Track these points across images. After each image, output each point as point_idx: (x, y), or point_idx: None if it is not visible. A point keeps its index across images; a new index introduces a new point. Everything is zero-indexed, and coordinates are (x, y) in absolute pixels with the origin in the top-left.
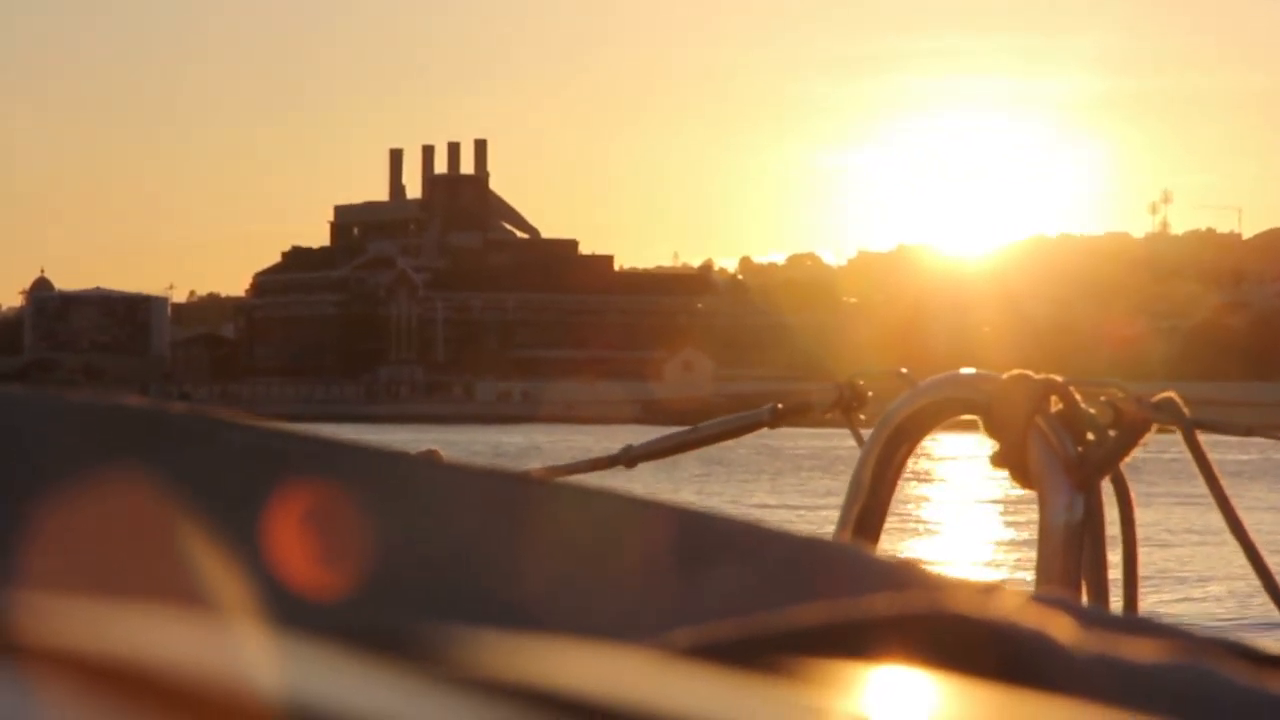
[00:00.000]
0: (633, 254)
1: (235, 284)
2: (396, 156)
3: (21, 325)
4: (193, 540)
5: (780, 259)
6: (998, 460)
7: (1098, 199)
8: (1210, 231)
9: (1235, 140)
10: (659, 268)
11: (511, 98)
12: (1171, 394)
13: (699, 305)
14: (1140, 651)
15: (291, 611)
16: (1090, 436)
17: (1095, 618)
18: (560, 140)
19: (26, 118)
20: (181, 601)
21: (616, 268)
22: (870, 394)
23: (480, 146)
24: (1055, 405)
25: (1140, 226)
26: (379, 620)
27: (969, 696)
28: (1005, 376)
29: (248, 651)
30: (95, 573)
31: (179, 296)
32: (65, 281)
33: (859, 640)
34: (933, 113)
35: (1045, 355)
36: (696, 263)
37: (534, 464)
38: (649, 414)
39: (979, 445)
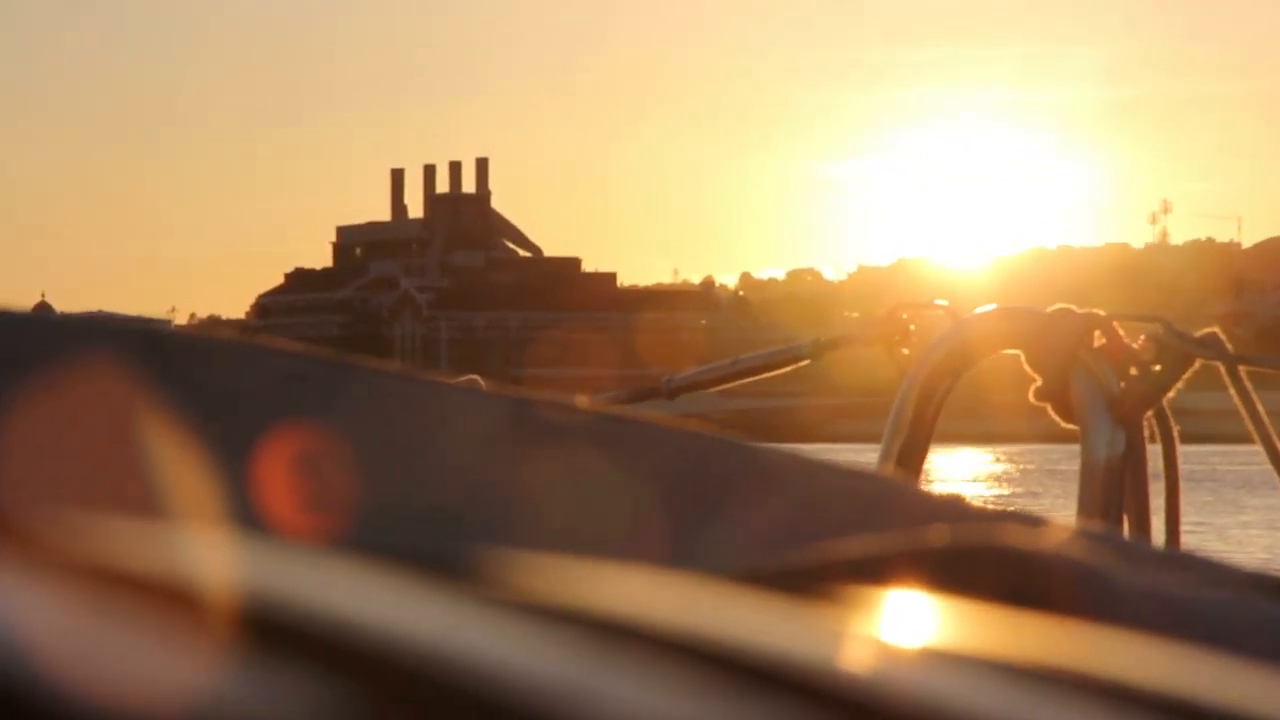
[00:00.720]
0: (633, 270)
1: (236, 306)
2: (398, 176)
3: None
4: (227, 460)
5: (780, 274)
6: (1040, 395)
7: (1096, 210)
8: (1210, 241)
9: (1234, 149)
10: (660, 285)
11: (511, 115)
12: (1215, 329)
13: (702, 321)
14: (1184, 584)
15: (332, 533)
16: (1133, 372)
17: (1139, 552)
18: (560, 157)
19: (25, 139)
20: (220, 520)
21: (619, 285)
22: (912, 328)
23: (482, 165)
24: (1098, 341)
25: (1140, 237)
26: (428, 543)
27: (1019, 627)
28: (1049, 311)
29: (261, 568)
30: (130, 490)
31: (180, 319)
32: (66, 305)
33: (911, 571)
34: (929, 124)
35: None
36: (697, 279)
37: None
38: None
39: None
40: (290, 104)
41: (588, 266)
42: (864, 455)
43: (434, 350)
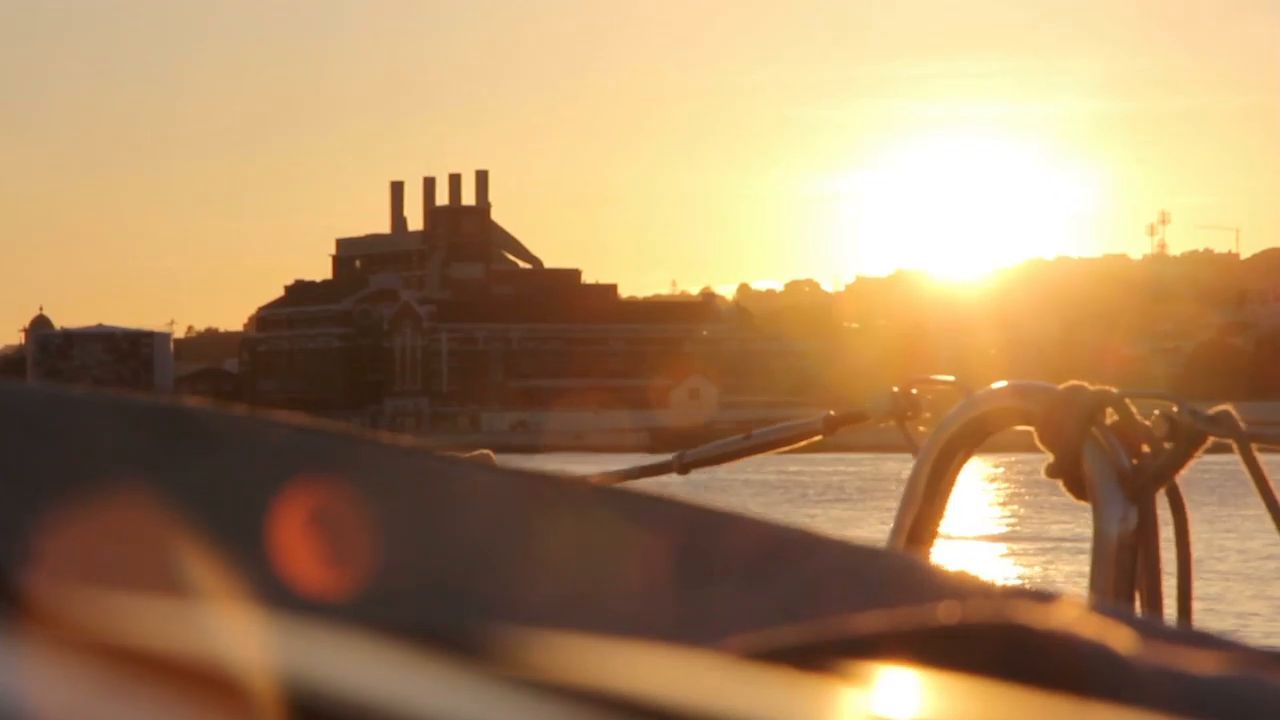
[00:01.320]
0: (631, 282)
1: (237, 318)
2: (398, 188)
3: (24, 362)
4: (231, 538)
5: (778, 286)
6: (1052, 471)
7: (1094, 222)
8: (1208, 252)
9: (1231, 161)
10: (658, 296)
11: (510, 128)
12: (1228, 407)
13: (703, 332)
14: (1199, 663)
15: (333, 611)
16: (1145, 449)
17: (1152, 629)
18: (559, 170)
19: (24, 153)
20: (217, 598)
21: (620, 296)
22: (924, 403)
23: (481, 177)
24: (1110, 417)
25: (1138, 248)
26: (436, 622)
27: (1030, 707)
28: (1061, 388)
29: (283, 647)
30: (127, 570)
31: (179, 332)
32: (64, 319)
33: (918, 649)
34: (927, 137)
35: (1050, 378)
36: (695, 290)
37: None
38: (656, 442)
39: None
40: (290, 116)
41: (587, 279)
42: (862, 465)
43: (435, 363)
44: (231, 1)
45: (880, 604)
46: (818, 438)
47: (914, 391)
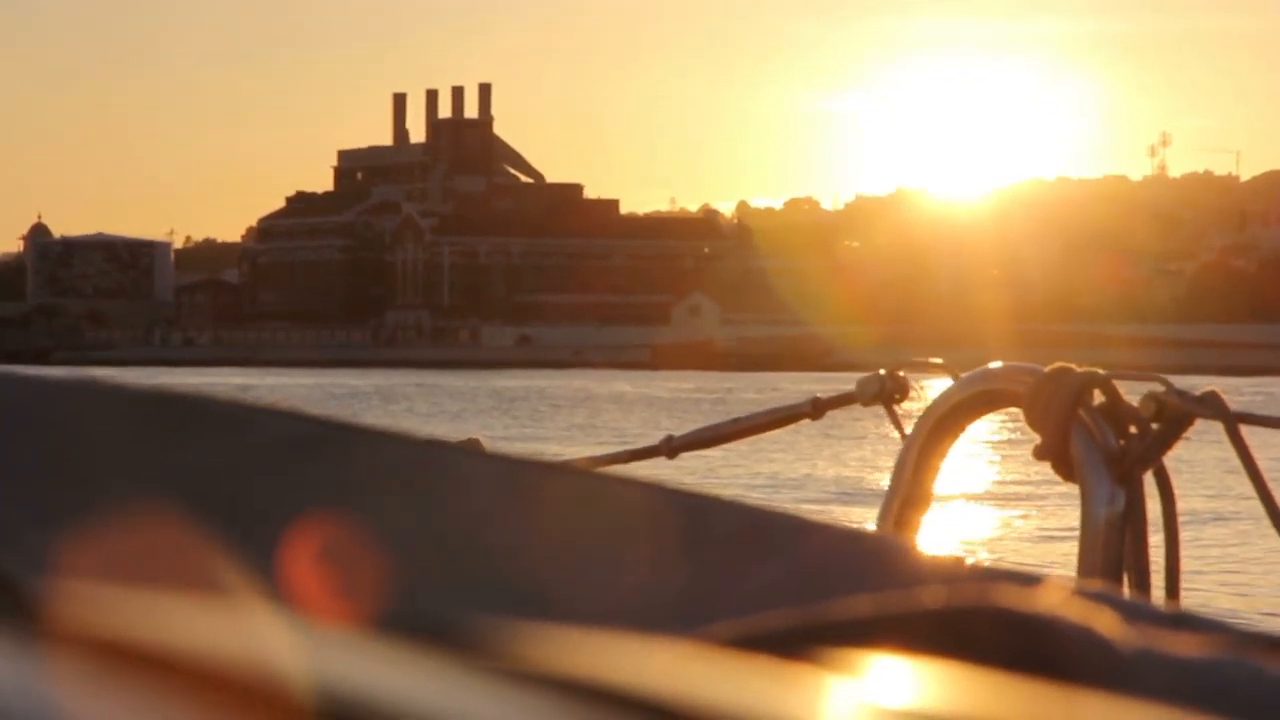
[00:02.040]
0: (630, 198)
1: (234, 230)
2: (400, 101)
3: (23, 271)
4: (229, 529)
5: (777, 204)
6: (1039, 453)
7: (1094, 143)
8: (1208, 174)
9: (1232, 84)
10: (657, 212)
11: (514, 42)
12: (1215, 389)
13: (705, 250)
14: (1185, 646)
15: (330, 602)
16: (1132, 430)
17: (1139, 612)
18: (559, 85)
19: (20, 62)
20: (218, 592)
21: (621, 212)
22: (911, 385)
23: (484, 90)
24: (1097, 398)
25: (1138, 170)
26: (422, 611)
27: (1014, 691)
28: (1047, 370)
29: (284, 641)
30: (131, 561)
31: (178, 241)
32: (62, 227)
33: (904, 633)
34: (927, 57)
35: (1051, 299)
36: (694, 207)
37: (567, 443)
38: (657, 358)
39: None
40: (292, 27)
41: (588, 194)
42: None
43: (436, 276)
44: None
45: (867, 588)
46: (805, 420)
47: (902, 374)
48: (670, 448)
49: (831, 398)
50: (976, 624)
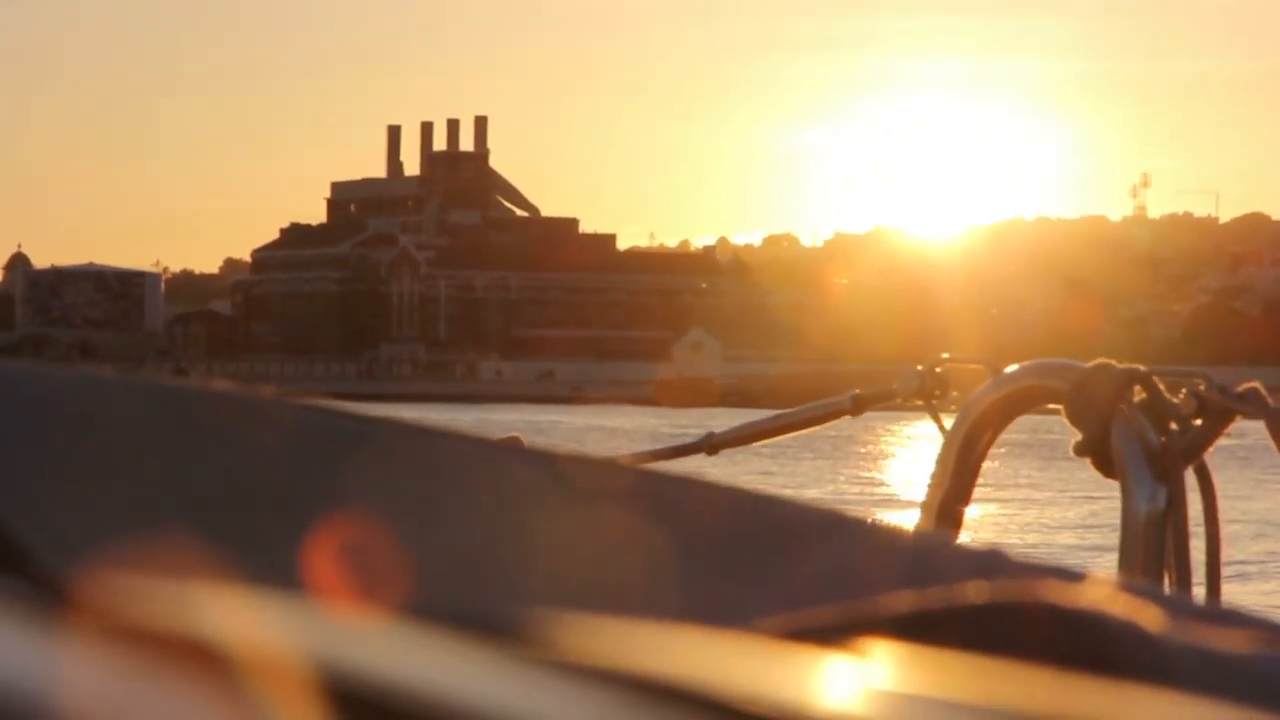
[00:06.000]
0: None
1: (212, 262)
2: (395, 133)
3: (12, 301)
4: (265, 522)
5: (756, 240)
6: (1080, 449)
7: (1073, 183)
8: (1188, 215)
9: (1212, 124)
10: (638, 248)
11: (506, 77)
12: (1257, 384)
13: (702, 285)
14: (1228, 641)
15: (366, 595)
16: (1173, 426)
17: (1181, 607)
18: (549, 120)
19: (15, 91)
20: (249, 582)
21: (618, 247)
22: (951, 382)
23: (480, 123)
24: (1138, 395)
25: (1118, 209)
26: (462, 604)
27: (1059, 686)
28: (1089, 365)
29: (314, 630)
30: (165, 552)
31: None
32: (45, 258)
33: (949, 629)
34: (908, 93)
35: (1043, 339)
36: (672, 242)
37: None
38: (660, 394)
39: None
40: (287, 60)
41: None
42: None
43: (432, 309)
44: None
45: (908, 584)
46: (846, 416)
47: (940, 371)
48: (711, 444)
49: (872, 394)
50: (1022, 620)
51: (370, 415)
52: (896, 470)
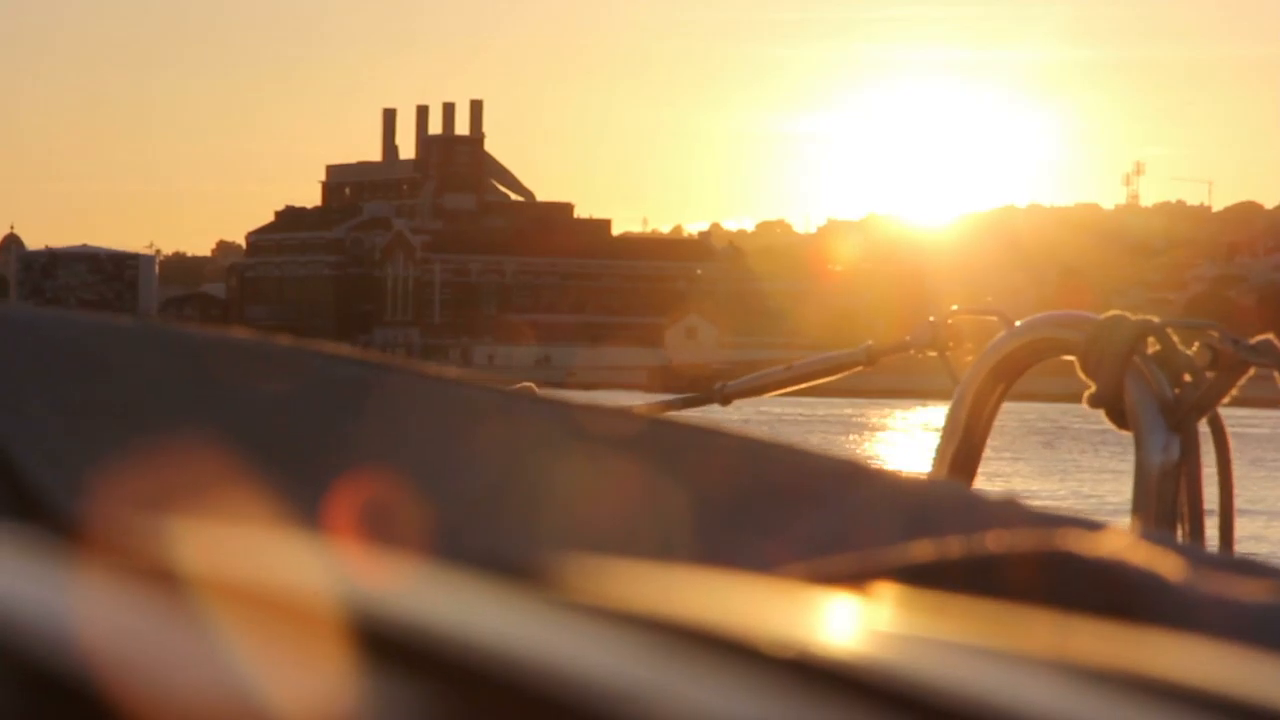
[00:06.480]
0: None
1: (206, 246)
2: (390, 116)
3: (5, 282)
4: (280, 467)
5: (749, 226)
6: (1094, 401)
7: (1066, 170)
8: (1181, 204)
9: (1204, 112)
10: (630, 233)
11: (501, 61)
12: (1270, 336)
13: (698, 271)
14: (1245, 590)
15: (390, 541)
16: (1187, 378)
17: (1198, 557)
18: (538, 104)
19: (9, 72)
20: (266, 524)
21: (612, 232)
22: (965, 333)
23: (476, 107)
24: (1152, 347)
25: (1110, 198)
26: (486, 549)
27: (1080, 633)
28: (1102, 317)
29: (329, 569)
30: (179, 494)
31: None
32: (39, 239)
33: (969, 577)
34: (901, 80)
35: None
36: (665, 228)
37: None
38: (653, 381)
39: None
40: (282, 42)
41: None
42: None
43: (427, 293)
44: None
45: (927, 534)
46: (860, 368)
47: (953, 322)
48: (724, 394)
49: (886, 346)
50: (1041, 568)
51: (386, 363)
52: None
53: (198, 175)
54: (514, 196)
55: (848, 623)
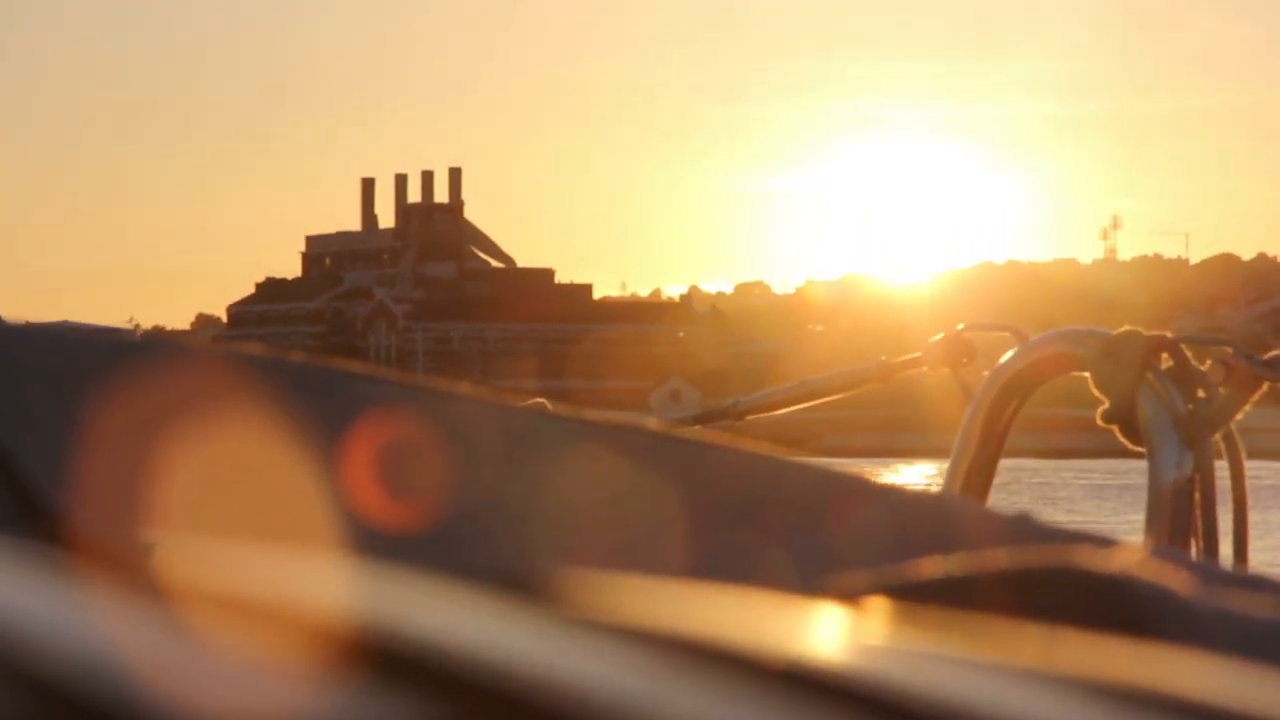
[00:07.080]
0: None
1: (184, 320)
2: (369, 185)
3: None
4: (312, 484)
5: (728, 287)
6: (1107, 417)
7: (1041, 226)
8: (1158, 257)
9: (1180, 166)
10: (610, 297)
11: (477, 127)
12: None
13: (680, 334)
14: (1258, 606)
15: (415, 555)
16: (1201, 394)
17: (1211, 573)
18: (518, 170)
19: None
20: (305, 543)
21: (594, 297)
22: (977, 350)
23: (454, 174)
24: (1165, 363)
25: (1088, 252)
26: (498, 563)
27: (1092, 650)
28: (1115, 333)
29: (353, 586)
30: (223, 515)
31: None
32: (15, 314)
33: (982, 594)
34: (875, 138)
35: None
36: (644, 291)
37: None
38: None
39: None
40: (258, 112)
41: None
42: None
43: (410, 362)
44: None
45: (936, 550)
46: (871, 384)
47: (967, 337)
48: (737, 411)
49: (898, 361)
50: (1053, 584)
51: (399, 381)
52: None
53: (175, 247)
54: (494, 263)
55: (855, 638)
